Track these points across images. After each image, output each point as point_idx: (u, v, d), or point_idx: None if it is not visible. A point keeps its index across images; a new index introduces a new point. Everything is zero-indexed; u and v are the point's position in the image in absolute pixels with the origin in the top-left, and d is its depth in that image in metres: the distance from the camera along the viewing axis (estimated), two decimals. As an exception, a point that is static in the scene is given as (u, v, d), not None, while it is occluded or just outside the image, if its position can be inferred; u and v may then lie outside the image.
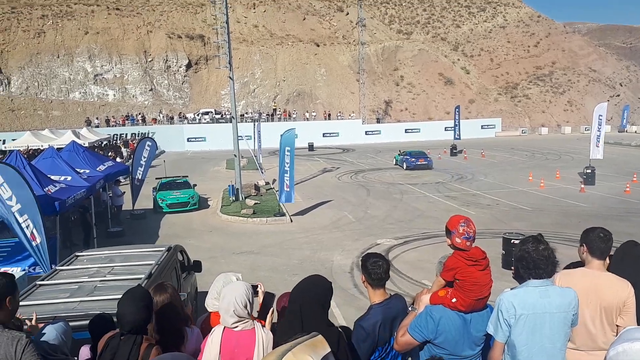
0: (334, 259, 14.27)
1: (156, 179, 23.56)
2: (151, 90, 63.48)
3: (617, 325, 3.68)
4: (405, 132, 58.62)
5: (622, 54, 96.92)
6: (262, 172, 28.93)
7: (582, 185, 24.28)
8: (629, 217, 18.42)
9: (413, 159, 33.40)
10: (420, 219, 19.05)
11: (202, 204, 22.39)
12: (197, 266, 9.44)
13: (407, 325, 3.54)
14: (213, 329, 3.50)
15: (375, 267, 3.68)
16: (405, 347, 3.59)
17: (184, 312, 4.11)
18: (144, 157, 20.48)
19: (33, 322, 3.87)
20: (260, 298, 4.10)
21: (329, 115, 61.20)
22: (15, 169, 10.50)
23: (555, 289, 3.33)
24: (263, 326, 3.58)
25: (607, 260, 4.30)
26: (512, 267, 3.83)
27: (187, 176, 24.20)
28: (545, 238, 3.45)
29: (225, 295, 3.43)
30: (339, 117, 61.38)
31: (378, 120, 62.02)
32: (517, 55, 76.53)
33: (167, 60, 64.61)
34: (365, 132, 57.92)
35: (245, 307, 3.38)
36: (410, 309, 3.78)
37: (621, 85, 73.48)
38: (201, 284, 10.16)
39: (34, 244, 10.39)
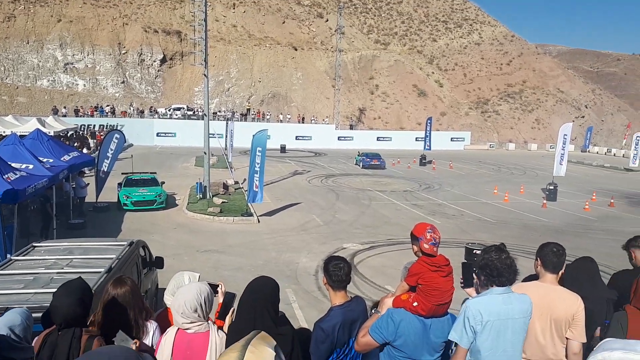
0: (300, 261, 14.26)
1: (122, 173, 22.38)
2: (123, 82, 62.21)
3: (566, 338, 3.80)
4: (377, 139, 59.13)
5: (589, 77, 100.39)
6: (231, 171, 28.70)
7: (545, 201, 24.98)
8: (587, 234, 19.06)
9: (368, 159, 39.06)
10: (387, 225, 19.24)
11: (169, 203, 21.79)
12: (159, 262, 9.28)
13: (368, 326, 3.58)
14: (168, 330, 3.43)
15: (336, 270, 3.73)
16: (365, 347, 3.62)
17: (145, 306, 4.04)
18: (111, 150, 20.07)
19: None
20: (220, 298, 4.05)
21: (303, 118, 61.30)
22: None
23: (515, 296, 3.43)
24: (220, 328, 3.51)
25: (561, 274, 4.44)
26: (462, 277, 3.89)
27: (155, 172, 23.28)
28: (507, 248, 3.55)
29: (177, 297, 3.35)
30: (313, 121, 61.51)
31: (351, 127, 62.41)
32: (489, 72, 78.35)
33: (141, 53, 63.44)
34: (338, 137, 58.20)
35: (195, 310, 3.27)
36: (373, 311, 3.83)
37: (586, 107, 76.06)
38: (163, 280, 9.99)
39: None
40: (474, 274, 3.69)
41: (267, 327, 3.10)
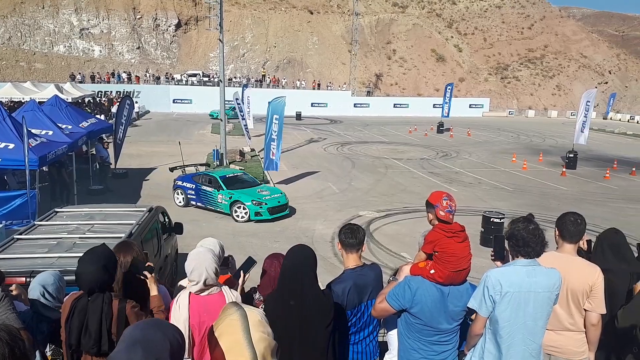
0: (316, 228, 14.37)
1: (170, 169, 19.06)
2: (138, 48, 61.95)
3: (585, 310, 3.78)
4: (394, 106, 58.41)
5: (614, 41, 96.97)
6: (248, 138, 28.71)
7: (564, 169, 24.62)
8: (606, 203, 18.81)
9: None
10: (403, 193, 19.20)
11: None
12: (178, 228, 9.43)
13: (386, 293, 3.61)
14: (179, 294, 3.50)
15: (348, 231, 3.79)
16: (382, 313, 3.67)
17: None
18: (124, 116, 20.12)
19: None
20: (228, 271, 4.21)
21: (319, 85, 60.62)
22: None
23: (541, 269, 3.37)
24: (231, 287, 3.61)
25: (584, 245, 4.40)
26: (492, 250, 3.84)
27: (242, 167, 18.45)
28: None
29: (194, 265, 3.39)
30: (329, 88, 60.84)
31: (368, 94, 61.62)
32: (510, 36, 76.17)
33: (156, 18, 62.88)
34: (354, 104, 57.58)
35: (216, 273, 3.43)
36: (391, 278, 3.87)
37: (610, 73, 73.87)
38: (182, 246, 10.18)
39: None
40: (505, 247, 3.66)
41: (315, 291, 3.35)
